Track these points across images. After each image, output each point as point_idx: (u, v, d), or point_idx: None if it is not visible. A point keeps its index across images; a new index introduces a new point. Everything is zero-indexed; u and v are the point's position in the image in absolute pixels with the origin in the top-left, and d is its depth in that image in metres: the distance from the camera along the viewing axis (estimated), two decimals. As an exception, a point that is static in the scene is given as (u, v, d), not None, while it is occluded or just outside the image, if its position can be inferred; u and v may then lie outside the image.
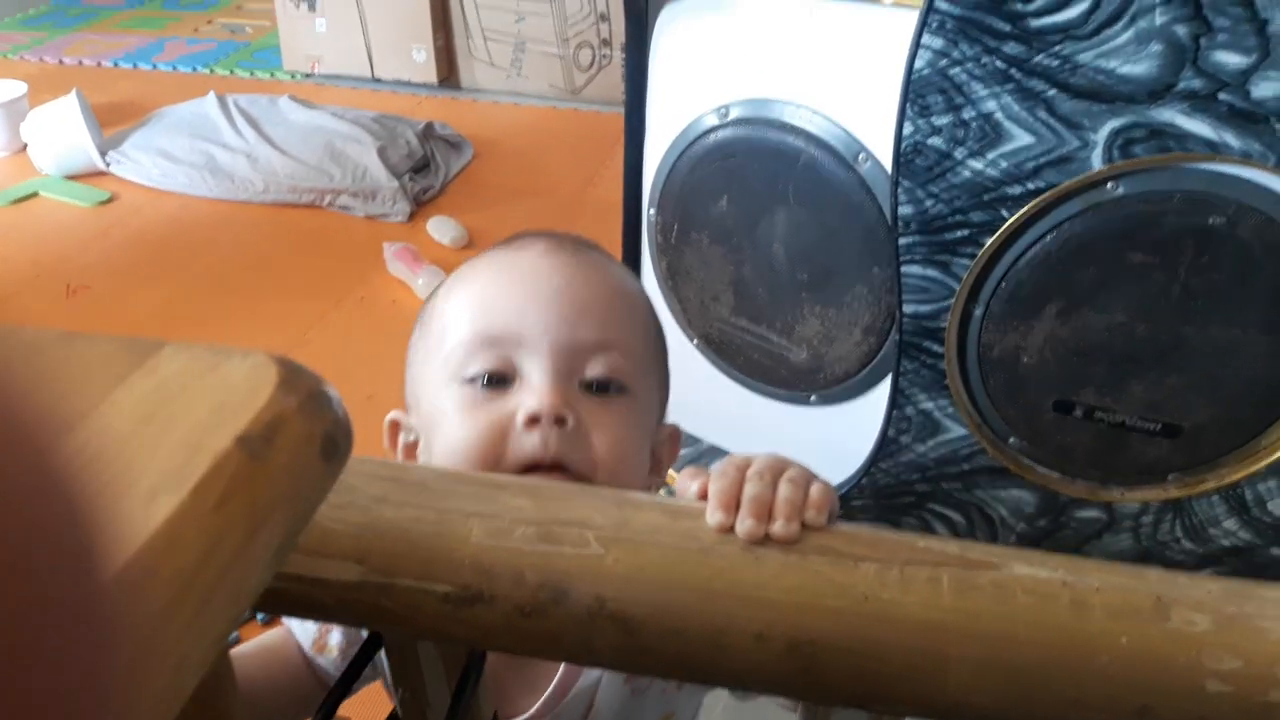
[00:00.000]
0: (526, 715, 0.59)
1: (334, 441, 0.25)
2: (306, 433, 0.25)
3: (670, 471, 1.30)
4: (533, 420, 0.54)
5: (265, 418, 0.23)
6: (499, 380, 0.57)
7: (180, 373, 0.24)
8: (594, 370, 0.57)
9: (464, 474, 0.35)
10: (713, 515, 0.37)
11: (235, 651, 0.62)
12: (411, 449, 0.63)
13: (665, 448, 0.65)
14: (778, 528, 0.35)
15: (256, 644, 0.62)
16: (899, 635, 0.30)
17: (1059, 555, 0.32)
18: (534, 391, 0.55)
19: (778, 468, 0.39)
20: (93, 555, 0.18)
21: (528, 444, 0.54)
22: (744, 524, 0.35)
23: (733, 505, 0.37)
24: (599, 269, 0.61)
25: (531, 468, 0.54)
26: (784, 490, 0.37)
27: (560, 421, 0.54)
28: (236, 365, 0.25)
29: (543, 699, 0.59)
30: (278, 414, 0.24)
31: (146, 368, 0.24)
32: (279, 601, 0.33)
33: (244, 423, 0.23)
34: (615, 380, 0.58)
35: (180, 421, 0.23)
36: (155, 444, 0.22)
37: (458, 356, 0.57)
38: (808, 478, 0.39)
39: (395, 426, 0.64)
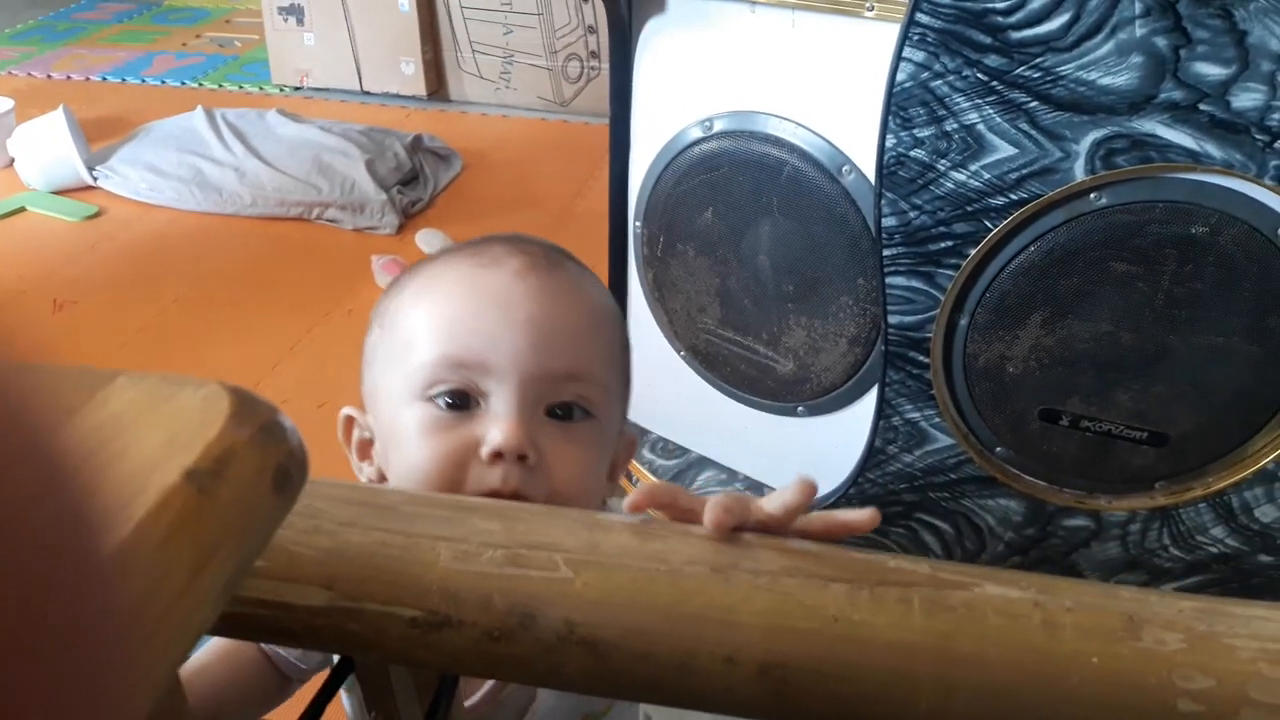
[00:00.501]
0: (471, 702, 0.59)
1: (287, 473, 0.25)
2: (258, 465, 0.24)
3: (639, 469, 1.30)
4: (496, 455, 0.53)
5: (215, 450, 0.23)
6: (462, 401, 0.56)
7: (132, 405, 0.24)
8: (560, 398, 0.56)
9: (434, 497, 0.35)
10: (630, 498, 0.37)
11: (198, 654, 0.61)
12: (365, 446, 0.62)
13: (621, 455, 0.65)
14: (766, 506, 0.35)
15: (219, 642, 0.62)
16: (870, 657, 0.30)
17: (1032, 575, 0.32)
18: (499, 424, 0.54)
19: (744, 497, 0.38)
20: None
21: (488, 477, 0.53)
22: (711, 513, 0.34)
23: (651, 498, 0.38)
24: (571, 291, 0.60)
25: (490, 494, 0.53)
26: (764, 503, 0.37)
27: (523, 458, 0.53)
28: (189, 397, 0.24)
29: (486, 687, 0.59)
30: (228, 446, 0.24)
31: (98, 400, 0.24)
32: (245, 626, 0.33)
33: (193, 456, 0.23)
34: (581, 408, 0.57)
35: (128, 455, 0.23)
36: (102, 479, 0.22)
37: (422, 376, 0.56)
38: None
39: (350, 422, 0.63)
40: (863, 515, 0.38)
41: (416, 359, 0.57)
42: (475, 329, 0.56)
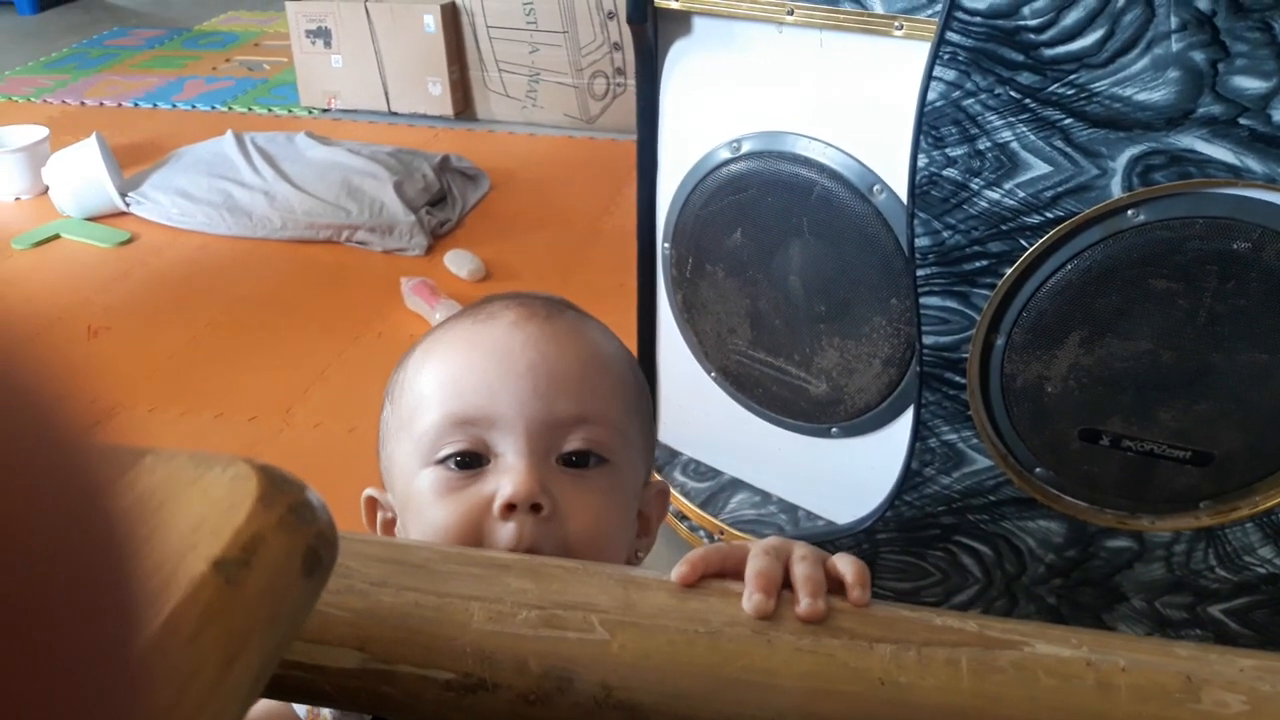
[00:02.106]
0: None
1: (317, 555, 0.25)
2: (287, 549, 0.24)
3: (677, 523, 1.29)
4: (509, 508, 0.52)
5: (244, 537, 0.23)
6: (473, 460, 0.55)
7: (160, 486, 0.24)
8: (571, 445, 0.55)
9: (465, 553, 0.34)
10: (677, 569, 0.35)
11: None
12: (390, 525, 0.62)
13: (653, 506, 0.63)
14: (804, 606, 0.33)
15: (262, 706, 0.62)
16: (917, 722, 0.29)
17: (1083, 631, 0.31)
18: (510, 475, 0.53)
19: (783, 547, 0.37)
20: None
21: (503, 534, 0.52)
22: (751, 600, 0.33)
23: (703, 567, 0.36)
24: (573, 336, 0.59)
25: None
26: (800, 568, 0.35)
27: (536, 508, 0.52)
28: (217, 477, 0.24)
29: None
30: (257, 531, 0.23)
31: (125, 482, 0.24)
32: (278, 689, 0.32)
33: (221, 544, 0.22)
34: (594, 454, 0.56)
35: (155, 542, 0.22)
36: (142, 559, 0.21)
37: (430, 439, 0.55)
38: (820, 554, 0.37)
39: (372, 503, 0.63)
40: (858, 594, 0.36)
41: (423, 423, 0.56)
42: (476, 384, 0.55)
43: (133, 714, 0.17)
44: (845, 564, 0.37)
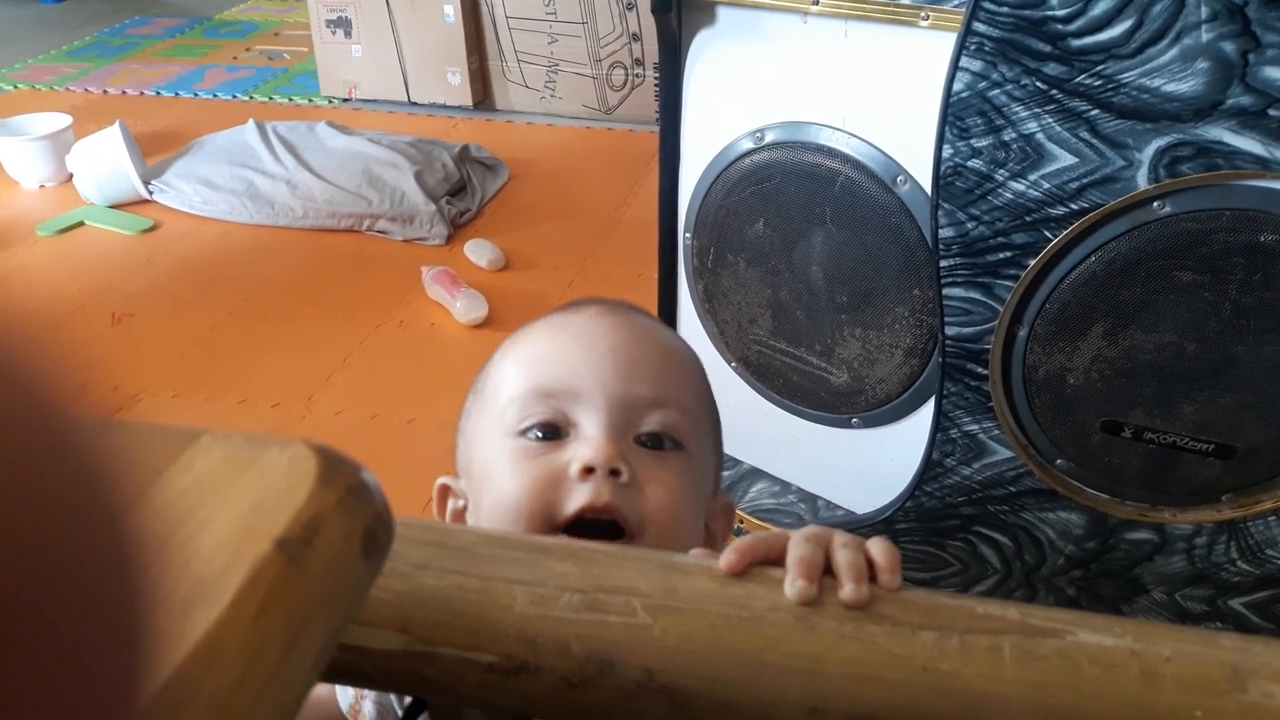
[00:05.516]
0: None
1: (375, 537, 0.25)
2: (346, 531, 0.24)
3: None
4: (587, 471, 0.53)
5: (304, 517, 0.23)
6: (553, 432, 0.56)
7: (218, 467, 0.24)
8: (649, 425, 0.56)
9: (508, 537, 0.35)
10: (725, 557, 0.36)
11: None
12: (460, 515, 0.62)
13: (719, 521, 0.64)
14: (848, 591, 0.34)
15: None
16: (960, 709, 0.29)
17: (1126, 620, 0.31)
18: (589, 443, 0.54)
19: (823, 535, 0.38)
20: (138, 663, 0.15)
21: (580, 494, 0.53)
22: (794, 585, 0.33)
23: (751, 555, 0.36)
24: (652, 331, 0.62)
25: (581, 517, 0.53)
26: (843, 555, 0.36)
27: (615, 473, 0.53)
28: (275, 458, 0.24)
29: None
30: (317, 512, 0.23)
31: (183, 462, 0.24)
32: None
33: (283, 524, 0.22)
34: (671, 436, 0.57)
35: (217, 523, 0.22)
36: (192, 549, 0.21)
37: (512, 412, 0.57)
38: (860, 541, 0.37)
39: (445, 491, 0.63)
40: (887, 579, 0.37)
41: (505, 397, 0.58)
42: (560, 359, 0.58)
43: None
44: (877, 549, 0.37)
